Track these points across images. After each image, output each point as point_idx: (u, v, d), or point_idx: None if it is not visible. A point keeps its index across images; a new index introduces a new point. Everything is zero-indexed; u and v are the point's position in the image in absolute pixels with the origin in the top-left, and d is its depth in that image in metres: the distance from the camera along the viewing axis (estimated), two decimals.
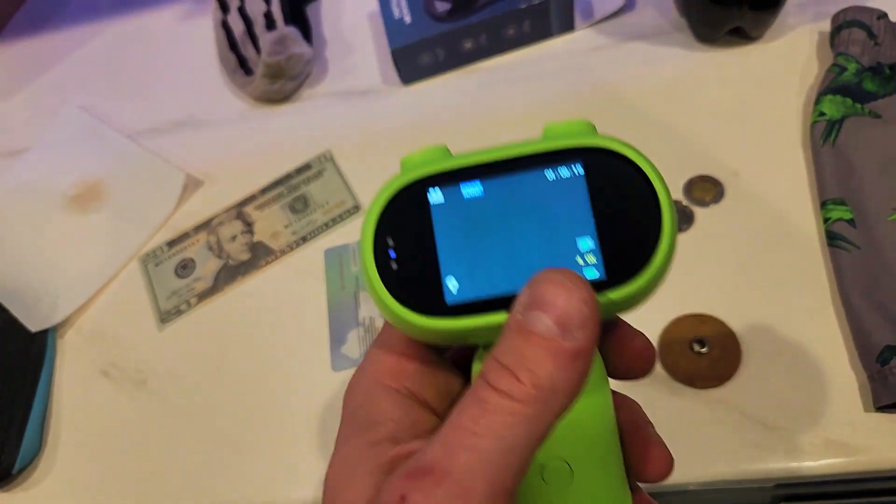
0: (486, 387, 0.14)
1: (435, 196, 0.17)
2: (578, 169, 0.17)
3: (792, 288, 0.36)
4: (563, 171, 0.17)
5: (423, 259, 0.17)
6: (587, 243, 0.16)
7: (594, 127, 0.18)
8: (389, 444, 0.17)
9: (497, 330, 0.16)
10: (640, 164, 0.16)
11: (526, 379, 0.14)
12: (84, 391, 0.42)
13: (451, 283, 0.17)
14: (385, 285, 0.17)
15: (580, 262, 0.16)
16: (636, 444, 0.18)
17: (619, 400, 0.19)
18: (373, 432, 0.17)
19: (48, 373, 0.43)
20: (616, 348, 0.19)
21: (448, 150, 0.18)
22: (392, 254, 0.17)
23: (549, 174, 0.17)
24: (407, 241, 0.17)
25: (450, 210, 0.17)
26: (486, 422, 0.14)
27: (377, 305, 0.17)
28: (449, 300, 0.17)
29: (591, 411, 0.17)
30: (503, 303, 0.16)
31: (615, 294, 0.16)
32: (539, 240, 0.16)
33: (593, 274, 0.16)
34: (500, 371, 0.14)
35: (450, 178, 0.17)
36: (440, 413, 0.19)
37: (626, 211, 0.16)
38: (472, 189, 0.17)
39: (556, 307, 0.14)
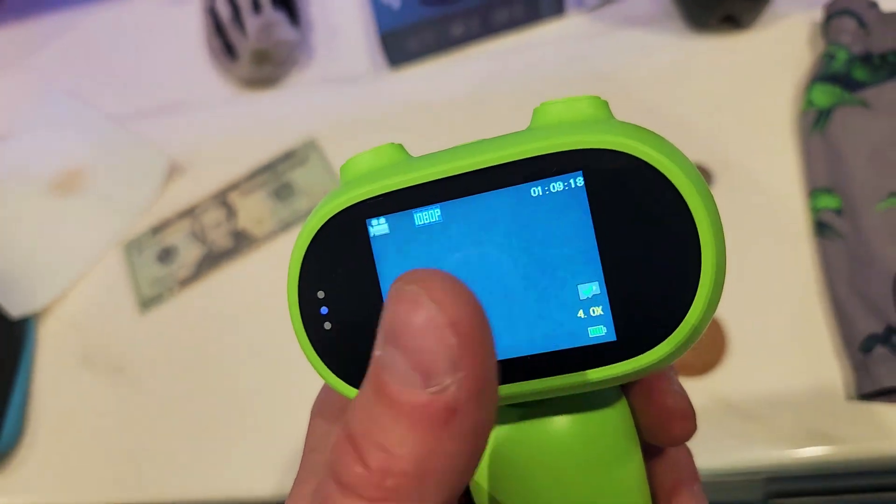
0: (328, 479, 0.10)
1: (377, 227, 0.13)
2: (577, 180, 0.12)
3: (778, 277, 0.36)
4: (555, 184, 0.12)
5: (364, 315, 0.12)
6: (591, 289, 0.12)
7: (606, 106, 0.13)
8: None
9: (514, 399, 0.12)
10: (667, 171, 0.11)
11: (375, 462, 0.09)
12: (65, 378, 0.42)
13: None
14: (316, 351, 0.13)
15: (581, 315, 0.12)
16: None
17: (655, 454, 0.15)
18: (314, 470, 0.14)
19: (28, 359, 0.42)
20: (641, 403, 0.14)
21: (404, 151, 0.13)
22: (324, 310, 0.13)
23: (535, 189, 0.12)
24: (342, 291, 0.13)
25: (399, 245, 0.12)
26: None
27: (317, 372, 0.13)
28: None
29: (618, 489, 0.13)
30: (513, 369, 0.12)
31: (631, 365, 0.12)
32: (524, 285, 0.12)
33: (599, 332, 0.12)
34: (344, 450, 0.10)
35: (397, 201, 0.12)
36: None
37: (646, 243, 0.11)
38: (427, 215, 0.12)
39: (411, 339, 0.09)
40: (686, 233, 0.11)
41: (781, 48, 0.43)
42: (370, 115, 0.47)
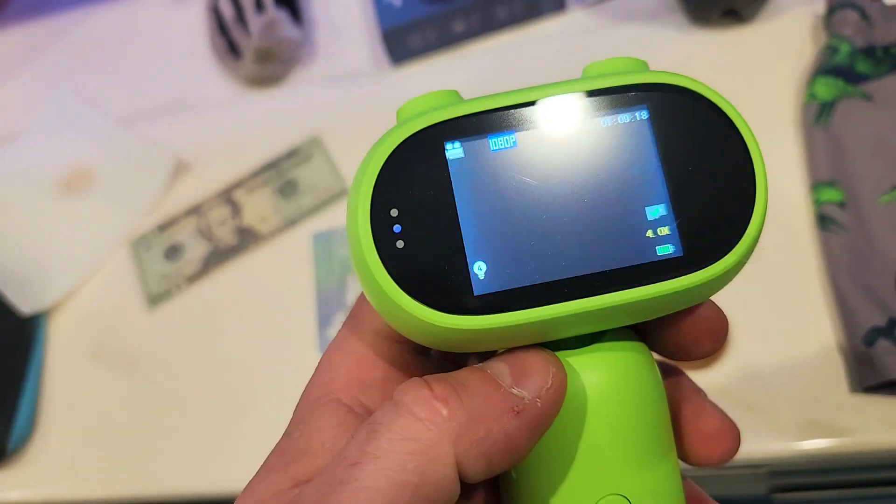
0: (388, 404, 0.12)
1: (453, 151, 0.13)
2: (642, 113, 0.13)
3: (781, 270, 0.36)
4: (623, 117, 0.13)
5: (441, 236, 0.12)
6: (658, 210, 0.13)
7: (646, 64, 0.14)
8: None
9: (535, 329, 0.13)
10: (721, 105, 0.13)
11: (440, 392, 0.12)
12: (75, 373, 0.43)
13: (479, 268, 0.12)
14: (389, 272, 0.12)
15: (650, 234, 0.13)
16: (687, 420, 0.15)
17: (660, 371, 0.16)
18: (299, 465, 0.14)
19: (39, 355, 0.43)
20: (676, 328, 0.15)
21: (459, 96, 0.14)
22: (397, 228, 0.12)
23: (605, 120, 0.13)
24: (417, 211, 0.13)
25: (474, 168, 0.13)
26: (370, 449, 0.12)
27: (374, 298, 0.13)
28: (478, 290, 0.12)
29: (650, 426, 0.14)
30: (549, 292, 0.12)
31: (696, 277, 0.12)
32: (597, 209, 0.13)
33: (667, 250, 0.13)
34: (414, 383, 0.13)
35: (473, 126, 0.13)
36: None
37: (706, 167, 0.13)
38: (502, 140, 0.13)
39: (522, 366, 0.13)
40: (742, 157, 0.13)
41: (783, 41, 0.42)
42: (373, 113, 0.47)
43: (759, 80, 0.42)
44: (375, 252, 0.12)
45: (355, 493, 0.11)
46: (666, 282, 0.12)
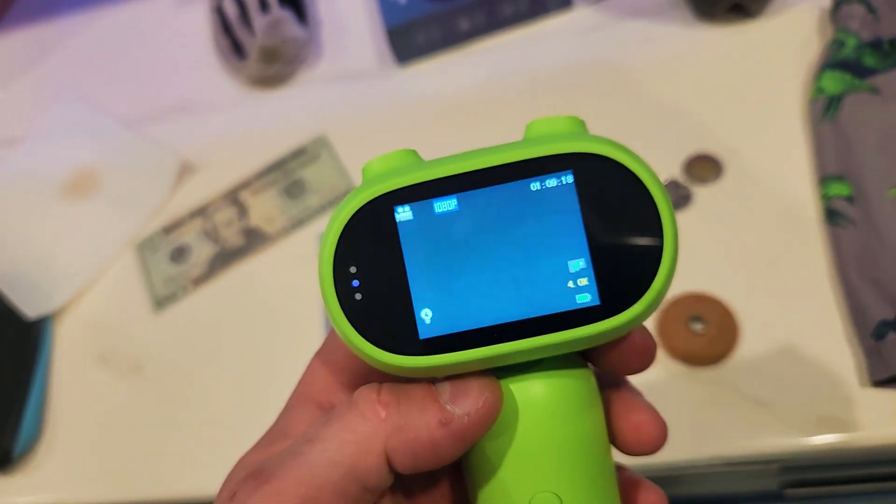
0: (347, 402, 0.16)
1: (403, 213, 0.15)
2: (567, 178, 0.15)
3: (790, 265, 0.36)
4: (550, 181, 0.15)
5: (392, 288, 0.15)
6: (578, 264, 0.15)
7: (584, 124, 0.16)
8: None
9: (481, 364, 0.15)
10: (638, 172, 0.15)
11: (386, 402, 0.15)
12: (82, 377, 0.42)
13: (425, 315, 0.15)
14: (349, 320, 0.15)
15: (571, 285, 0.15)
16: (619, 414, 0.17)
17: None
18: (277, 444, 0.17)
19: (45, 359, 0.43)
20: (609, 347, 0.17)
21: (417, 155, 0.16)
22: (355, 283, 0.15)
23: (534, 184, 0.15)
24: (372, 267, 0.15)
25: (421, 229, 0.15)
26: (322, 433, 0.15)
27: (341, 338, 0.16)
28: (423, 334, 0.15)
29: (580, 436, 0.16)
30: (483, 336, 0.15)
31: (610, 323, 0.15)
32: (524, 262, 0.15)
33: (585, 299, 0.15)
34: (369, 388, 0.16)
35: (419, 192, 0.15)
36: None
37: (622, 227, 0.15)
38: (445, 204, 0.15)
39: (461, 385, 0.15)
40: (652, 219, 0.15)
41: (790, 36, 0.42)
42: (379, 111, 0.47)
43: (766, 75, 0.42)
44: (338, 304, 0.15)
45: (301, 463, 0.15)
46: (583, 327, 0.15)
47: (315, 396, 0.18)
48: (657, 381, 0.34)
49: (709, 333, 0.35)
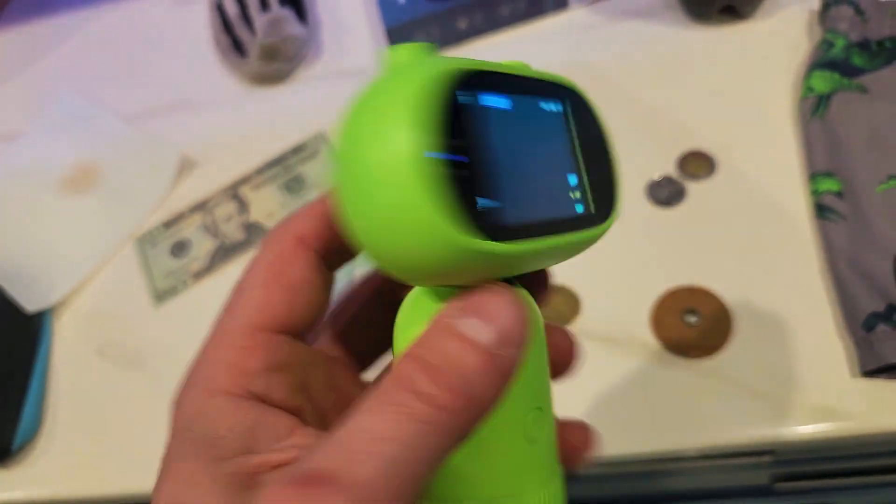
0: (401, 388, 0.13)
1: (485, 98, 0.14)
2: (558, 106, 0.17)
3: (781, 259, 0.37)
4: (550, 106, 0.16)
5: (481, 170, 0.13)
6: (574, 179, 0.16)
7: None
8: (243, 456, 0.14)
9: (541, 256, 0.15)
10: (595, 111, 0.17)
11: (450, 385, 0.13)
12: (81, 370, 0.43)
13: (499, 203, 0.14)
14: (451, 203, 0.12)
15: (571, 196, 0.16)
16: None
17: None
18: (216, 448, 0.14)
19: (45, 352, 0.43)
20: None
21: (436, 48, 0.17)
22: (463, 159, 0.13)
23: (543, 104, 0.16)
24: (463, 145, 0.13)
25: (487, 118, 0.14)
26: (398, 427, 0.12)
27: (409, 234, 0.13)
28: (510, 221, 0.14)
29: (541, 353, 0.17)
30: (546, 227, 0.15)
31: (597, 231, 0.16)
32: (548, 169, 0.16)
33: (580, 209, 0.16)
34: (422, 372, 0.13)
35: (485, 82, 0.14)
36: (301, 412, 0.16)
37: (593, 153, 0.17)
38: (500, 101, 0.15)
39: (498, 319, 0.13)
40: (609, 153, 0.18)
41: (781, 37, 0.43)
42: None
43: (757, 75, 0.43)
44: (428, 179, 0.12)
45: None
46: (585, 230, 0.16)
47: (225, 388, 0.15)
48: (652, 371, 0.35)
49: (702, 325, 0.35)
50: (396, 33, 0.47)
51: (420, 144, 0.12)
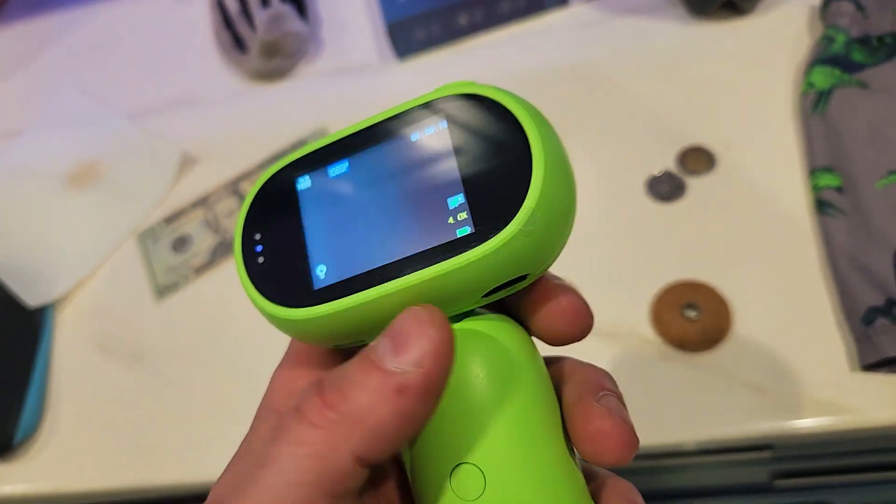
0: (291, 410, 0.13)
1: (303, 182, 0.16)
2: (442, 124, 0.15)
3: (781, 254, 0.37)
4: (428, 129, 0.15)
5: (290, 249, 0.16)
6: (457, 200, 0.15)
7: (474, 83, 0.16)
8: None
9: (374, 309, 0.14)
10: (499, 99, 0.15)
11: (329, 397, 0.13)
12: (83, 365, 0.43)
13: (321, 271, 0.15)
14: (251, 281, 0.16)
15: (451, 221, 0.15)
16: (576, 419, 0.15)
17: (569, 368, 0.17)
18: (245, 463, 0.15)
19: (46, 347, 0.43)
20: (535, 309, 0.16)
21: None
22: (258, 248, 0.16)
23: (414, 135, 0.15)
24: (274, 233, 0.16)
25: (318, 193, 0.16)
26: (273, 451, 0.13)
27: (253, 304, 0.16)
28: (316, 285, 0.15)
29: (506, 408, 0.15)
30: (374, 277, 0.15)
31: (484, 248, 0.14)
32: (412, 207, 0.15)
33: (465, 231, 0.14)
34: (310, 387, 0.13)
35: (314, 160, 0.16)
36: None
37: (491, 156, 0.15)
38: (338, 168, 0.16)
39: (398, 335, 0.13)
40: (518, 141, 0.14)
41: (781, 32, 0.43)
42: (378, 104, 0.47)
43: (758, 71, 0.43)
44: (243, 267, 0.16)
45: (259, 492, 0.13)
46: (462, 254, 0.14)
47: (275, 406, 0.17)
48: (652, 366, 0.35)
49: (703, 320, 0.35)
50: (397, 29, 0.47)
51: (238, 245, 0.16)
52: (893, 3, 0.39)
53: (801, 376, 0.33)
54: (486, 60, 0.48)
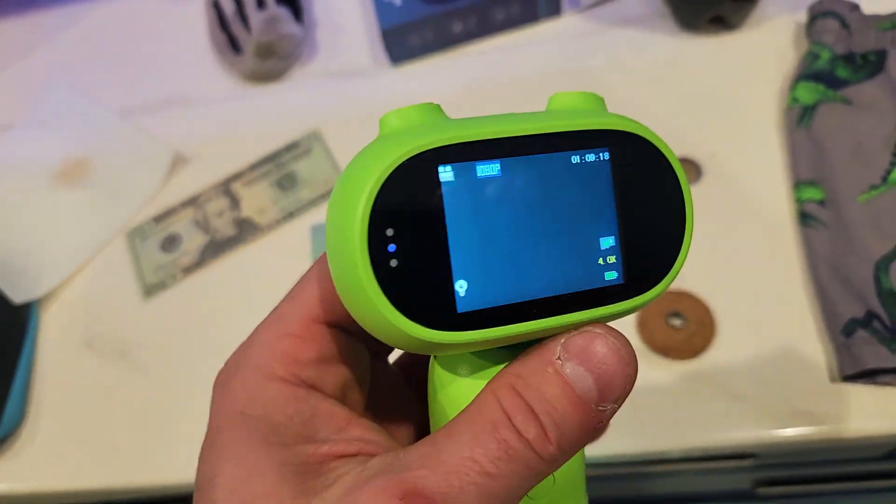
0: (510, 428, 0.13)
1: (446, 174, 0.13)
2: (604, 154, 0.14)
3: (765, 264, 0.37)
4: (589, 156, 0.14)
5: (432, 256, 0.13)
6: (609, 241, 0.14)
7: (604, 101, 0.16)
8: (304, 444, 0.14)
9: (517, 338, 0.14)
10: (668, 155, 0.15)
11: (554, 438, 0.13)
12: (67, 363, 0.42)
13: (461, 287, 0.13)
14: (383, 290, 0.13)
15: (601, 262, 0.14)
16: None
17: None
18: (277, 434, 0.14)
19: (31, 344, 0.43)
20: None
21: (441, 111, 0.15)
22: (392, 247, 0.13)
23: (574, 158, 0.14)
24: (413, 232, 0.13)
25: (463, 193, 0.14)
26: (505, 467, 0.13)
27: (364, 315, 0.13)
28: (460, 308, 0.13)
29: None
30: (523, 313, 0.14)
31: (632, 303, 0.14)
32: (560, 236, 0.14)
33: (612, 276, 0.14)
34: (528, 416, 0.13)
35: (465, 152, 0.14)
36: (349, 403, 0.16)
37: (650, 208, 0.14)
38: (489, 168, 0.14)
39: (604, 373, 0.13)
40: (677, 202, 0.15)
41: (768, 48, 0.44)
42: (372, 108, 0.48)
43: (744, 85, 0.43)
44: (371, 270, 0.13)
45: None
46: (607, 306, 0.14)
47: (277, 373, 0.15)
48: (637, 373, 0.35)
49: (687, 328, 0.36)
50: (392, 35, 0.47)
51: (362, 239, 0.13)
52: (877, 21, 0.40)
53: (783, 386, 0.34)
54: (479, 68, 0.48)
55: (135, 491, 0.38)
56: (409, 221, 0.13)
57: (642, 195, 0.14)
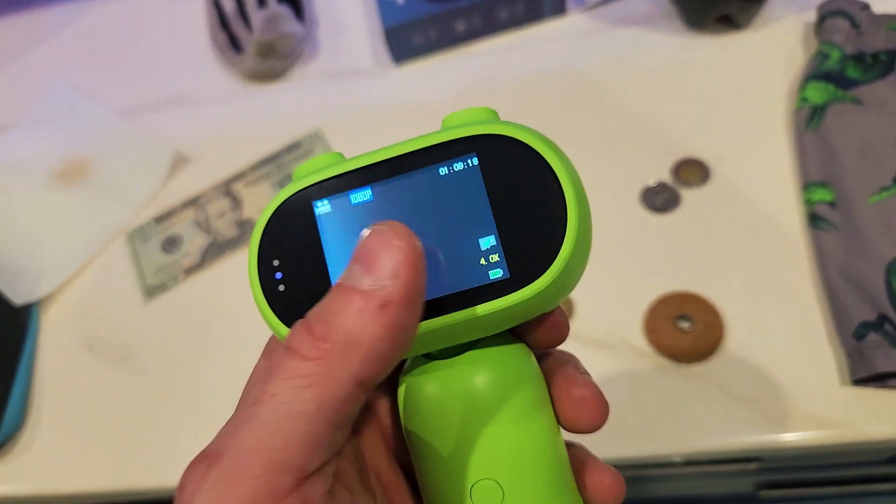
0: (281, 351, 0.13)
1: (322, 207, 0.16)
2: (472, 160, 0.15)
3: (774, 267, 0.37)
4: (457, 165, 0.15)
5: (313, 278, 0.15)
6: (489, 241, 0.15)
7: (496, 113, 0.16)
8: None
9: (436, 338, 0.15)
10: (539, 149, 0.15)
11: (318, 330, 0.13)
12: (68, 365, 0.42)
13: None
14: (272, 309, 0.15)
15: (483, 262, 0.15)
16: (558, 386, 0.17)
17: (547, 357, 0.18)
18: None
19: (31, 346, 0.42)
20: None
21: (342, 157, 0.17)
22: (278, 275, 0.16)
23: (442, 169, 0.15)
24: (293, 259, 0.16)
25: (339, 221, 0.16)
26: (269, 388, 0.13)
27: (271, 331, 0.16)
28: None
29: (525, 428, 0.16)
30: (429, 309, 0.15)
31: (520, 295, 0.15)
32: (441, 244, 0.15)
33: (497, 274, 0.15)
34: (296, 328, 0.13)
35: (336, 185, 0.16)
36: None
37: (527, 203, 0.15)
38: (361, 195, 0.16)
39: (367, 256, 0.13)
40: (555, 192, 0.15)
41: (776, 48, 0.44)
42: (374, 108, 0.48)
43: (753, 85, 0.43)
44: (262, 295, 0.16)
45: (254, 427, 0.13)
46: (497, 300, 0.15)
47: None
48: (643, 376, 0.35)
49: (695, 331, 0.35)
50: (395, 34, 0.47)
51: (254, 270, 0.16)
52: (887, 20, 0.40)
53: (792, 389, 0.33)
54: (483, 67, 0.48)
55: (135, 493, 0.38)
56: (291, 252, 0.16)
57: (517, 192, 0.15)
